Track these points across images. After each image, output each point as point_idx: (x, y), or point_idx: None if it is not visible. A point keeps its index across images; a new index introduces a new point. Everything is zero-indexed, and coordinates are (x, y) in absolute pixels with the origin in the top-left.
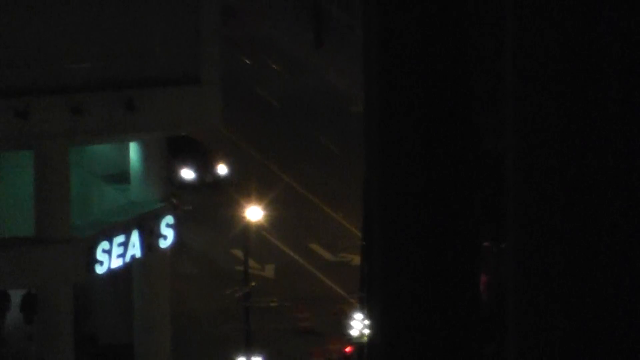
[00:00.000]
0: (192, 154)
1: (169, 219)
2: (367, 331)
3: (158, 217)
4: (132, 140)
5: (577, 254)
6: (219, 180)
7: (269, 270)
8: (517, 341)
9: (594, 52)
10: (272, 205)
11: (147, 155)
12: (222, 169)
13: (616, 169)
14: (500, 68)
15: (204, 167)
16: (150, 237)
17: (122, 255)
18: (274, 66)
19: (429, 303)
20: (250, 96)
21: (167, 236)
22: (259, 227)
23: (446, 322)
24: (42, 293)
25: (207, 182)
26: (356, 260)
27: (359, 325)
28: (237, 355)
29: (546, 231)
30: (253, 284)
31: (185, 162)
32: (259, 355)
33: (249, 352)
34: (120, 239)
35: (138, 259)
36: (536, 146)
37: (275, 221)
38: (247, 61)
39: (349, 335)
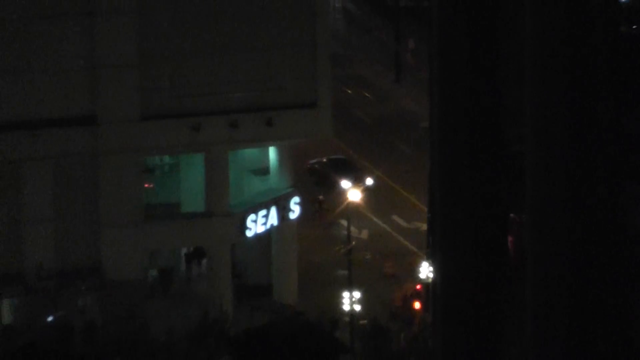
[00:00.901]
0: (347, 170)
1: (296, 199)
2: (431, 275)
3: (288, 198)
4: (270, 145)
5: (576, 225)
6: (367, 187)
7: (364, 234)
8: (532, 287)
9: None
10: (366, 190)
11: (280, 155)
12: (369, 181)
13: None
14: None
15: (359, 179)
16: (283, 211)
17: (264, 224)
18: (366, 95)
19: (472, 257)
20: (351, 116)
21: (295, 211)
22: (357, 205)
23: (484, 270)
24: (211, 250)
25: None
26: (424, 227)
27: (425, 271)
28: (343, 291)
29: (552, 208)
30: (353, 243)
31: (343, 176)
32: (358, 291)
33: (351, 290)
34: (262, 212)
35: (275, 226)
36: (545, 147)
37: (368, 200)
38: (349, 91)
39: (419, 278)
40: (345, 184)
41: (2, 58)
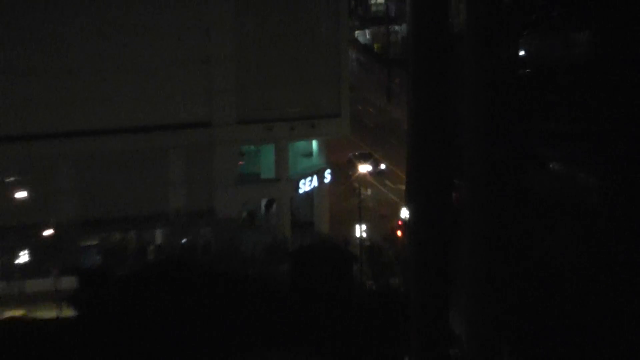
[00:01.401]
0: (368, 159)
1: (328, 171)
2: (407, 215)
3: (323, 170)
4: (313, 139)
5: (492, 189)
6: (381, 171)
7: (369, 192)
8: (466, 237)
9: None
10: (380, 172)
11: (319, 146)
12: (382, 166)
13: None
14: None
15: (375, 165)
16: (321, 178)
17: (310, 185)
18: (370, 110)
19: (431, 205)
20: (361, 122)
21: (327, 178)
22: (365, 175)
23: (438, 213)
24: (278, 201)
25: (376, 172)
26: (404, 187)
27: (405, 212)
28: (355, 225)
29: (477, 178)
30: (362, 196)
31: (364, 162)
32: (364, 225)
33: (360, 224)
34: (309, 179)
35: (316, 187)
36: (471, 142)
37: (373, 173)
38: (359, 107)
39: (400, 216)
40: (364, 167)
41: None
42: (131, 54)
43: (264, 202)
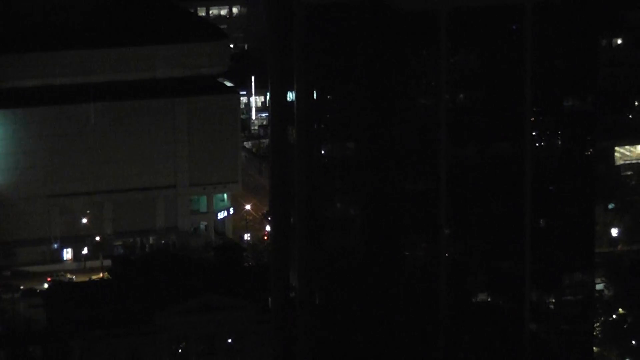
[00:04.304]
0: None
1: (231, 208)
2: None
3: (228, 208)
4: (224, 193)
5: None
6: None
7: (250, 217)
8: (296, 232)
9: None
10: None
11: (227, 195)
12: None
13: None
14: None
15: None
16: (227, 212)
17: (223, 215)
18: (251, 179)
19: (279, 214)
20: (247, 185)
21: (231, 211)
22: (250, 211)
23: (283, 219)
24: (208, 222)
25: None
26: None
27: (268, 227)
28: (245, 233)
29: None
30: (247, 221)
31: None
32: (249, 233)
33: (246, 233)
34: (223, 212)
35: (225, 216)
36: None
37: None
38: (245, 178)
39: (267, 229)
40: (247, 206)
41: None
42: None
43: (202, 224)
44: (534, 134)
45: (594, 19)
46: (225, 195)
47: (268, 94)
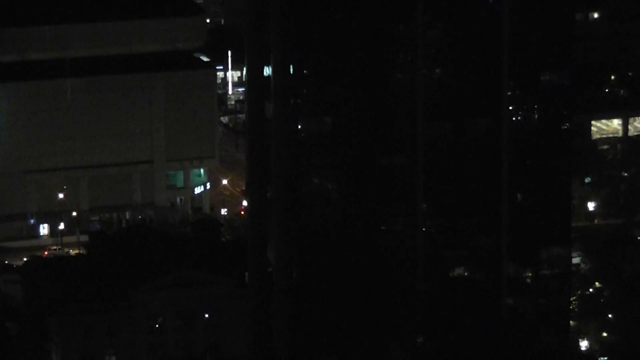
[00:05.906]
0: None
1: (208, 183)
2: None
3: (205, 183)
4: (201, 168)
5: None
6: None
7: (227, 193)
8: (274, 211)
9: None
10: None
11: (204, 170)
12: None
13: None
14: None
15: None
16: (205, 187)
17: (200, 190)
18: (227, 154)
19: (256, 193)
20: (224, 159)
21: (208, 186)
22: (227, 186)
23: (260, 196)
24: (185, 197)
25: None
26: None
27: (245, 203)
28: (221, 208)
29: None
30: (223, 196)
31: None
32: (226, 208)
33: (223, 207)
34: (200, 187)
35: (202, 191)
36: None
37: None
38: (223, 152)
39: (244, 204)
40: (224, 181)
41: None
42: None
43: (179, 199)
44: (510, 108)
45: None
46: (202, 171)
47: (245, 68)
